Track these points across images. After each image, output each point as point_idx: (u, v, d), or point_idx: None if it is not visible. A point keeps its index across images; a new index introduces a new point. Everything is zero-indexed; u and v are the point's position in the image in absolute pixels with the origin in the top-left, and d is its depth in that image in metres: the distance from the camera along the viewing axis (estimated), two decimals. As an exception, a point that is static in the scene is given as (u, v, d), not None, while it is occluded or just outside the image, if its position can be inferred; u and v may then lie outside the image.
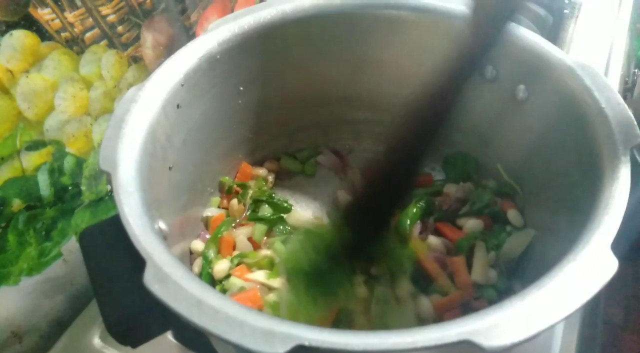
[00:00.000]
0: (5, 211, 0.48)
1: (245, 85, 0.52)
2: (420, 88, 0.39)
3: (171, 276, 0.30)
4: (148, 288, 0.29)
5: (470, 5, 0.37)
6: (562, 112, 0.43)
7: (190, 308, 0.28)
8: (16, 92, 0.46)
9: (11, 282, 0.50)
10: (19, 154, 0.48)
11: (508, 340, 0.27)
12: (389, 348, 0.27)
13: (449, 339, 0.27)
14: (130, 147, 0.38)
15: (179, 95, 0.44)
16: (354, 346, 0.27)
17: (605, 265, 0.30)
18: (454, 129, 0.56)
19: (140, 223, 0.33)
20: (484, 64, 0.49)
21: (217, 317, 0.28)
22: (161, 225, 0.39)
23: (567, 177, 0.42)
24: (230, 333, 0.27)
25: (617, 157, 0.36)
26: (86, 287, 0.59)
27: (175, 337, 0.51)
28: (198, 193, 0.53)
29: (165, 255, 0.31)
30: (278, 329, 0.27)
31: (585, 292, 0.29)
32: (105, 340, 0.52)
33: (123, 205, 0.34)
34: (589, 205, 0.35)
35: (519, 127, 0.50)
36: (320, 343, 0.27)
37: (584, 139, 0.40)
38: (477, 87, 0.50)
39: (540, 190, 0.48)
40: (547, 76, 0.44)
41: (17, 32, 0.45)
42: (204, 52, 0.46)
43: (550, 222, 0.46)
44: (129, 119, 0.39)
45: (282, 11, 0.49)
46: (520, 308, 0.28)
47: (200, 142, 0.49)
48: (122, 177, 0.35)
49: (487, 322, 0.27)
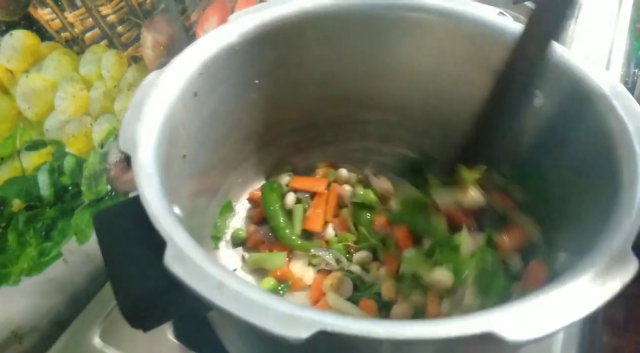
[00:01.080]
0: (5, 211, 0.48)
1: (260, 78, 0.52)
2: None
3: (192, 258, 0.30)
4: (169, 269, 0.29)
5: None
6: (578, 117, 0.43)
7: (212, 291, 0.28)
8: (16, 92, 0.46)
9: (11, 282, 0.50)
10: (19, 154, 0.48)
11: (531, 335, 0.27)
12: (411, 337, 0.27)
13: (472, 331, 0.27)
14: (149, 130, 0.37)
15: (196, 83, 0.44)
16: (376, 333, 0.27)
17: (627, 265, 0.30)
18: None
19: (160, 205, 0.33)
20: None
21: (239, 300, 0.28)
22: (176, 210, 0.38)
23: (586, 180, 0.42)
24: (253, 316, 0.27)
25: (635, 157, 0.36)
26: (86, 287, 0.59)
27: (175, 337, 0.52)
28: (208, 183, 0.53)
29: (185, 237, 0.31)
30: (301, 314, 0.27)
31: (607, 291, 0.29)
32: (105, 339, 0.52)
33: (143, 187, 0.33)
34: (608, 209, 0.35)
35: (535, 132, 0.49)
36: (344, 330, 0.27)
37: (601, 143, 0.39)
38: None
39: (558, 194, 0.48)
40: (562, 81, 0.44)
41: (17, 32, 0.45)
42: (224, 42, 0.46)
43: (569, 227, 0.46)
44: (148, 103, 0.39)
45: (302, 7, 0.49)
46: (543, 303, 0.28)
47: (213, 132, 0.49)
48: (142, 158, 0.35)
49: (511, 315, 0.28)
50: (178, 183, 0.43)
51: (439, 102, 0.56)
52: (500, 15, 0.48)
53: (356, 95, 0.59)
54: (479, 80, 0.51)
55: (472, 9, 0.49)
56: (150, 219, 0.32)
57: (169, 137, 0.40)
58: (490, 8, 0.49)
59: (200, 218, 0.53)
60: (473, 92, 0.53)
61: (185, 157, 0.44)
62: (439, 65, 0.53)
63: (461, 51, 0.51)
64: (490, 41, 0.48)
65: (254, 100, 0.53)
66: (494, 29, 0.48)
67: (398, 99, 0.58)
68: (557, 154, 0.47)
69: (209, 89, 0.46)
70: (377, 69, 0.56)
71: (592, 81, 0.42)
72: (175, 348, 0.51)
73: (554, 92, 0.45)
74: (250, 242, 0.56)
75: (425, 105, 0.58)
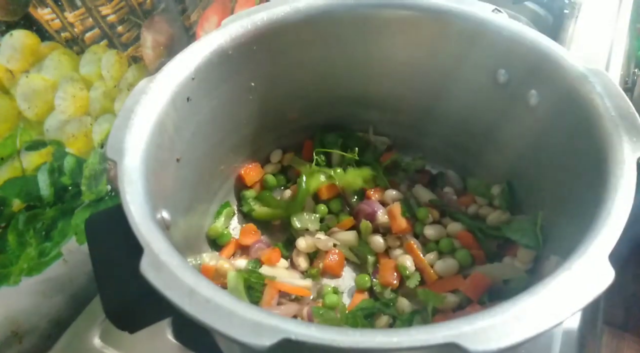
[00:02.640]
0: (5, 211, 0.48)
1: (256, 81, 0.52)
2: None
3: (167, 264, 0.30)
4: (144, 275, 0.29)
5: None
6: (573, 118, 0.43)
7: (182, 297, 0.29)
8: (16, 92, 0.46)
9: (11, 282, 0.51)
10: (19, 154, 0.48)
11: (494, 345, 0.26)
12: (374, 346, 0.27)
13: (435, 341, 0.27)
14: (137, 137, 0.38)
15: (189, 88, 0.44)
16: (340, 343, 0.27)
17: (601, 276, 0.30)
18: (467, 133, 0.56)
19: (141, 212, 0.33)
20: (496, 67, 0.49)
21: (207, 307, 0.28)
22: (165, 215, 0.39)
23: (572, 182, 0.42)
24: (219, 323, 0.28)
25: (623, 166, 0.36)
26: (86, 287, 0.59)
27: (175, 337, 0.52)
28: (204, 187, 0.53)
29: (163, 243, 0.32)
30: (266, 322, 0.27)
31: (578, 302, 0.28)
32: (105, 340, 0.52)
33: (125, 193, 0.34)
34: (590, 213, 0.35)
35: (530, 131, 0.49)
36: (307, 338, 0.27)
37: (592, 145, 0.39)
38: (489, 91, 0.50)
39: (545, 195, 0.48)
40: (559, 81, 0.44)
41: (17, 32, 0.45)
42: (216, 46, 0.46)
43: (552, 229, 0.46)
44: (138, 110, 0.39)
45: (295, 8, 0.49)
46: (510, 313, 0.28)
47: (209, 136, 0.49)
48: (127, 166, 0.36)
49: (476, 325, 0.27)
50: (173, 187, 0.43)
51: (435, 99, 0.56)
52: (495, 13, 0.48)
53: (354, 95, 0.59)
54: (474, 78, 0.51)
55: (467, 6, 0.49)
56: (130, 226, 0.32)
57: (159, 142, 0.40)
58: (486, 5, 0.48)
59: (199, 219, 0.53)
60: (470, 89, 0.53)
61: (179, 161, 0.44)
62: (433, 64, 0.53)
63: (456, 49, 0.50)
64: (485, 38, 0.48)
65: (250, 103, 0.53)
66: (488, 27, 0.48)
67: (395, 98, 0.58)
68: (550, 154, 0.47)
69: (203, 94, 0.46)
70: (372, 69, 0.55)
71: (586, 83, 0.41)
72: (175, 348, 0.51)
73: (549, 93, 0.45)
74: (251, 254, 0.55)
75: (421, 103, 0.58)
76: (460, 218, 0.54)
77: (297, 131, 0.61)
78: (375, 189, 0.58)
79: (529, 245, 0.47)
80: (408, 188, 0.59)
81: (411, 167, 0.61)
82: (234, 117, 0.52)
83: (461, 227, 0.53)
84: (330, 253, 0.54)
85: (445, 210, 0.56)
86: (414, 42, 0.52)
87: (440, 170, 0.61)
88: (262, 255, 0.53)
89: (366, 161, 0.60)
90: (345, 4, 0.50)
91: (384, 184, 0.58)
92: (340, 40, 0.53)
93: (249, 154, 0.58)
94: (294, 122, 0.60)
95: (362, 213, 0.55)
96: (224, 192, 0.57)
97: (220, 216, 0.55)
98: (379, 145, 0.62)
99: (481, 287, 0.48)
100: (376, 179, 0.59)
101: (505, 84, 0.49)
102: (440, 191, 0.58)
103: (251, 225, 0.56)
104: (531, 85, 0.47)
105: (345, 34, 0.52)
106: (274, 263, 0.52)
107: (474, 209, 0.55)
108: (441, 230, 0.54)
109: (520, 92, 0.48)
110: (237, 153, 0.56)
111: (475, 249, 0.52)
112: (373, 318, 0.49)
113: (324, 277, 0.54)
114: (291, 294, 0.50)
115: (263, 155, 0.61)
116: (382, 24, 0.51)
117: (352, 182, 0.56)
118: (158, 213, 0.37)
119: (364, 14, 0.51)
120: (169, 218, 0.40)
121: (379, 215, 0.54)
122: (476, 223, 0.53)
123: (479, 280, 0.48)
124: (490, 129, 0.54)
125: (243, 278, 0.48)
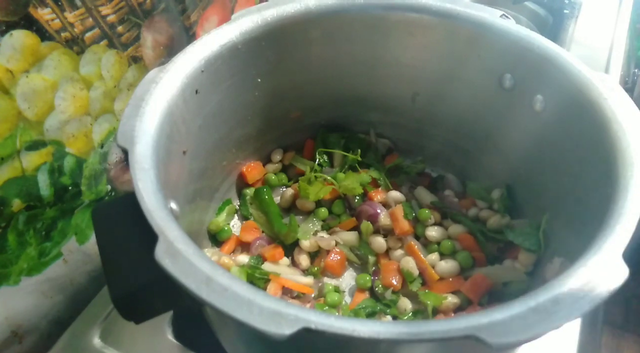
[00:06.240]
0: (5, 211, 0.48)
1: (262, 77, 0.52)
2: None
3: (182, 252, 0.30)
4: (159, 263, 0.29)
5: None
6: (579, 122, 0.43)
7: (199, 285, 0.28)
8: (16, 92, 0.46)
9: (11, 282, 0.50)
10: (19, 154, 0.48)
11: (514, 338, 0.27)
12: (394, 337, 0.27)
13: (455, 333, 0.27)
14: (148, 126, 0.38)
15: (198, 81, 0.44)
16: (360, 332, 0.27)
17: (616, 272, 0.30)
18: (469, 137, 0.56)
19: (154, 200, 0.33)
20: (502, 71, 0.49)
21: (225, 295, 0.28)
22: (173, 205, 0.39)
23: (577, 185, 0.42)
24: (238, 311, 0.27)
25: (633, 168, 0.36)
26: (86, 287, 0.59)
27: (175, 337, 0.52)
28: (207, 182, 0.53)
29: (177, 231, 0.31)
30: (286, 311, 0.27)
31: (594, 297, 0.29)
32: (105, 340, 0.52)
33: (138, 181, 0.34)
34: (600, 215, 0.35)
35: (534, 136, 0.49)
36: (327, 328, 0.27)
37: (600, 149, 0.39)
38: (494, 96, 0.50)
39: (548, 198, 0.48)
40: (566, 86, 0.44)
41: (17, 32, 0.45)
42: (226, 40, 0.46)
43: (554, 232, 0.46)
44: (148, 99, 0.39)
45: (306, 6, 0.50)
46: (529, 307, 0.28)
47: (214, 130, 0.50)
48: (139, 153, 0.35)
49: (494, 318, 0.28)
50: (178, 179, 0.43)
51: (439, 103, 0.56)
52: (503, 18, 0.48)
53: (358, 96, 0.59)
54: (480, 82, 0.51)
55: (474, 10, 0.49)
56: (143, 213, 0.32)
57: (168, 133, 0.40)
58: (493, 10, 0.49)
59: (200, 215, 0.53)
60: (475, 93, 0.53)
61: (185, 153, 0.44)
62: (439, 67, 0.53)
63: (462, 52, 0.51)
64: (492, 43, 0.48)
65: (256, 98, 0.53)
66: (496, 32, 0.48)
67: (400, 100, 0.58)
68: (555, 159, 0.47)
69: (211, 87, 0.46)
70: (378, 70, 0.56)
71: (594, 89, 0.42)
72: (175, 348, 0.51)
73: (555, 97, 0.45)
74: (252, 251, 0.55)
75: (424, 106, 0.58)
76: (462, 221, 0.54)
77: (299, 130, 0.61)
78: (377, 190, 0.58)
79: (532, 249, 0.47)
80: (410, 190, 0.59)
81: (413, 170, 0.61)
82: (238, 113, 0.52)
83: (462, 229, 0.53)
84: (332, 252, 0.54)
85: (447, 212, 0.56)
86: (421, 44, 0.52)
87: (440, 174, 0.61)
88: (264, 251, 0.53)
89: (369, 162, 0.60)
90: (356, 4, 0.51)
91: (387, 186, 0.58)
92: (348, 40, 0.53)
93: (251, 150, 0.58)
94: (296, 121, 0.60)
95: (364, 214, 0.55)
96: (226, 188, 0.57)
97: (222, 212, 0.56)
98: (380, 147, 0.63)
99: (482, 289, 0.48)
100: (378, 181, 0.59)
101: (511, 88, 0.49)
102: (441, 194, 0.58)
103: (252, 222, 0.56)
104: (537, 90, 0.47)
105: (353, 34, 0.52)
106: (277, 260, 0.52)
107: (475, 212, 0.55)
108: (442, 232, 0.54)
109: (526, 97, 0.48)
110: (239, 149, 0.56)
111: (476, 251, 0.52)
112: (374, 318, 0.50)
113: (325, 276, 0.54)
114: (293, 292, 0.50)
115: (265, 153, 0.61)
116: (391, 26, 0.52)
117: (351, 188, 0.56)
118: (168, 203, 0.37)
119: (374, 16, 0.51)
120: (177, 210, 0.39)
121: (382, 217, 0.54)
122: (477, 226, 0.53)
123: (480, 282, 0.48)
124: (492, 133, 0.54)
125: (246, 274, 0.48)
